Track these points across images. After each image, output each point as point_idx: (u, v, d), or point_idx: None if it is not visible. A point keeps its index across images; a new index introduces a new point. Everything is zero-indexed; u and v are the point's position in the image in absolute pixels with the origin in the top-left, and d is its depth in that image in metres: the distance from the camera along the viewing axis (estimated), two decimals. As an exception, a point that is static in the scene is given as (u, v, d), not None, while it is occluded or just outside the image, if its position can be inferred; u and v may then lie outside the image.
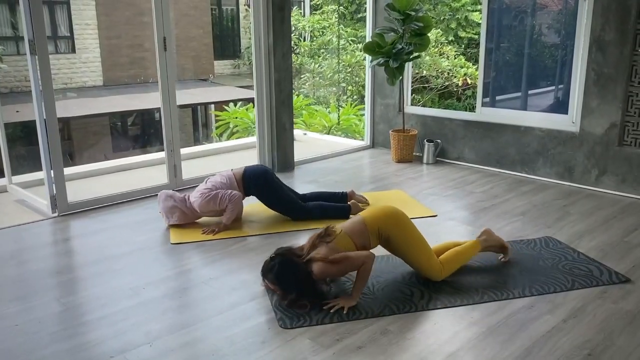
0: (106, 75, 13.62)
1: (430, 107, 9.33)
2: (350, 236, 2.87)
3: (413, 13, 5.24)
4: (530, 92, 5.39)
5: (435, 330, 2.58)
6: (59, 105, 4.10)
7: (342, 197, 4.22)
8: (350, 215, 3.99)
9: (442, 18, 9.89)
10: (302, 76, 11.50)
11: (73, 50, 13.21)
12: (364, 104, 6.58)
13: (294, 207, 4.01)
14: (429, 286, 2.96)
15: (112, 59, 13.57)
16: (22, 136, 11.11)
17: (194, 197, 3.88)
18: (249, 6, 6.52)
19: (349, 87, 10.53)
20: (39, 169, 4.27)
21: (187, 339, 2.51)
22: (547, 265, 3.21)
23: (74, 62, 13.23)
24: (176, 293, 2.96)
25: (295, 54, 11.31)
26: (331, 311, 2.71)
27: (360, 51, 9.37)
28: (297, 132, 7.10)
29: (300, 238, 3.62)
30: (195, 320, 2.67)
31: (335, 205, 4.11)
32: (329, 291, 2.92)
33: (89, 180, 5.21)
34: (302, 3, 15.03)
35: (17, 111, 10.27)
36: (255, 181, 3.98)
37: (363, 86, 8.03)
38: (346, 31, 11.15)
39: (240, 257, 3.46)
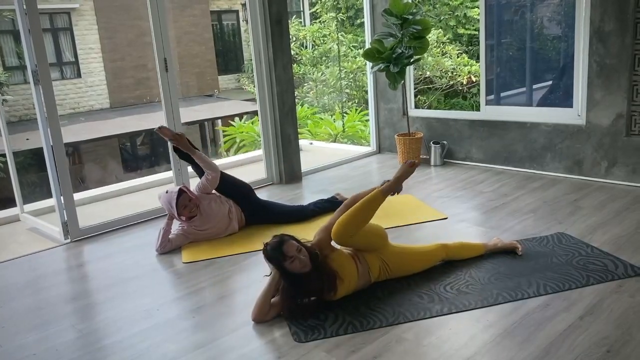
0: (112, 97, 13.78)
1: (437, 107, 9.32)
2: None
3: (410, 17, 5.23)
4: (534, 86, 5.36)
5: (451, 335, 2.56)
6: (68, 131, 4.16)
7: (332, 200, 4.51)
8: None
9: (441, 18, 9.88)
10: (304, 84, 11.53)
11: (79, 75, 13.38)
12: (368, 109, 6.58)
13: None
14: (442, 291, 2.95)
15: (117, 81, 13.73)
16: (33, 163, 11.25)
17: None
18: (247, 21, 6.57)
19: (353, 93, 10.54)
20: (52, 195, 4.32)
21: (203, 359, 2.52)
22: (561, 262, 3.18)
23: (80, 87, 13.40)
24: (190, 313, 2.97)
25: (297, 62, 11.33)
26: None
27: (361, 57, 9.38)
28: (303, 142, 7.12)
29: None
30: (211, 339, 2.68)
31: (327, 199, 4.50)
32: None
33: (100, 204, 5.26)
34: (302, 12, 15.10)
35: (27, 139, 10.40)
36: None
37: (366, 91, 8.04)
38: (346, 38, 11.17)
39: (251, 272, 3.46)
